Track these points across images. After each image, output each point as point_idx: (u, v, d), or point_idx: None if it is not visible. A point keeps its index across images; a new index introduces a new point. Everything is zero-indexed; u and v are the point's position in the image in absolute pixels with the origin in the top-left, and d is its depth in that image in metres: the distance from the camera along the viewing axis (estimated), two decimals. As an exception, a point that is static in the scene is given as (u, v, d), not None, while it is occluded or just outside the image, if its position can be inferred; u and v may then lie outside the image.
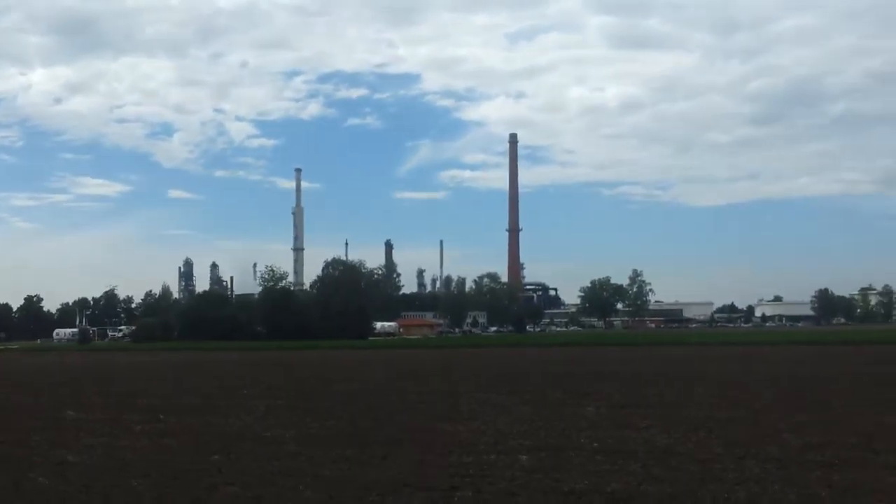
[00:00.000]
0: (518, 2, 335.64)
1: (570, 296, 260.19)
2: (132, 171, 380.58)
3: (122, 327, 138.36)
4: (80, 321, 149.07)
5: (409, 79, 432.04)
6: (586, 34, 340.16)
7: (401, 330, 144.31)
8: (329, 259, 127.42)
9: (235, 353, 74.02)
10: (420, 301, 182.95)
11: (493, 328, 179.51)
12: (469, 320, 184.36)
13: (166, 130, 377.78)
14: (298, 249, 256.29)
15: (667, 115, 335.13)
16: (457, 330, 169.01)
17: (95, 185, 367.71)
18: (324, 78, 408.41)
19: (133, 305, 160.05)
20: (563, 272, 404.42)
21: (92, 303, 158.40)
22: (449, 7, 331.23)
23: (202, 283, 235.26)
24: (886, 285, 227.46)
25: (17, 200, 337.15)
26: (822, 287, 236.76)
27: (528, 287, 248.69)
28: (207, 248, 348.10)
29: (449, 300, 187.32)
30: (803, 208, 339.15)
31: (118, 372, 46.77)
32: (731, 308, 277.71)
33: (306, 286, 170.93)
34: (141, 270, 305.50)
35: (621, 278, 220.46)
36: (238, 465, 14.21)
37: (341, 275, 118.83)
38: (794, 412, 20.23)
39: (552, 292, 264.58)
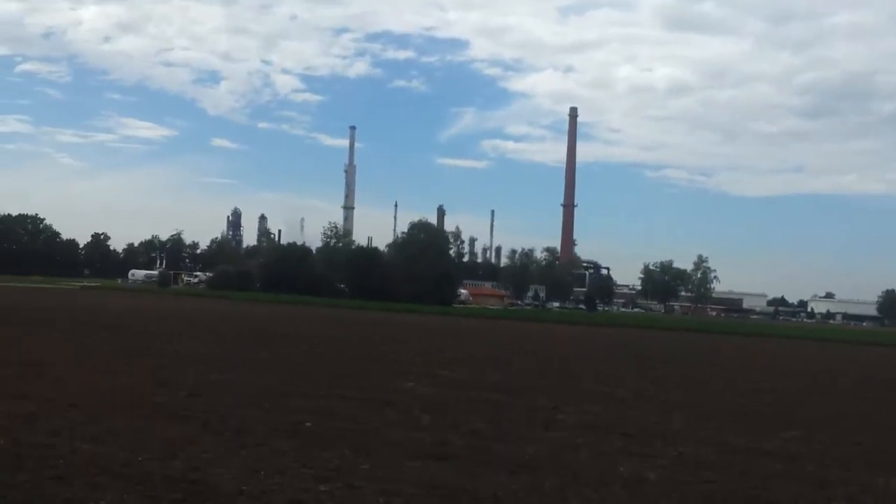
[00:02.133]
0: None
1: (621, 276, 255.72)
2: (177, 116, 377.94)
3: (199, 273, 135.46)
4: (160, 264, 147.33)
5: (458, 44, 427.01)
6: (639, 12, 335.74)
7: (471, 298, 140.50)
8: (415, 220, 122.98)
9: (358, 312, 70.30)
10: (482, 270, 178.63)
11: (556, 304, 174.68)
12: (531, 294, 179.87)
13: (213, 78, 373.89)
14: (349, 208, 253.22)
15: (714, 102, 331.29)
16: (520, 303, 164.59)
17: (141, 128, 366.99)
18: (372, 37, 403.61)
19: (198, 251, 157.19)
20: (608, 251, 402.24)
21: (158, 246, 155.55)
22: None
23: (249, 234, 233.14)
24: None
25: (62, 136, 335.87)
26: (881, 286, 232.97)
27: (582, 264, 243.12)
28: (250, 200, 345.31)
29: (511, 272, 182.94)
30: (847, 205, 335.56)
31: (309, 326, 42.25)
32: (783, 301, 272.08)
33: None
34: (188, 216, 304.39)
35: (674, 262, 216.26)
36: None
37: (427, 238, 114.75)
38: None
39: (604, 271, 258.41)
